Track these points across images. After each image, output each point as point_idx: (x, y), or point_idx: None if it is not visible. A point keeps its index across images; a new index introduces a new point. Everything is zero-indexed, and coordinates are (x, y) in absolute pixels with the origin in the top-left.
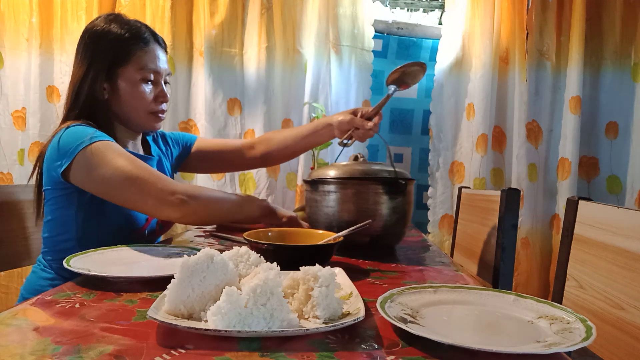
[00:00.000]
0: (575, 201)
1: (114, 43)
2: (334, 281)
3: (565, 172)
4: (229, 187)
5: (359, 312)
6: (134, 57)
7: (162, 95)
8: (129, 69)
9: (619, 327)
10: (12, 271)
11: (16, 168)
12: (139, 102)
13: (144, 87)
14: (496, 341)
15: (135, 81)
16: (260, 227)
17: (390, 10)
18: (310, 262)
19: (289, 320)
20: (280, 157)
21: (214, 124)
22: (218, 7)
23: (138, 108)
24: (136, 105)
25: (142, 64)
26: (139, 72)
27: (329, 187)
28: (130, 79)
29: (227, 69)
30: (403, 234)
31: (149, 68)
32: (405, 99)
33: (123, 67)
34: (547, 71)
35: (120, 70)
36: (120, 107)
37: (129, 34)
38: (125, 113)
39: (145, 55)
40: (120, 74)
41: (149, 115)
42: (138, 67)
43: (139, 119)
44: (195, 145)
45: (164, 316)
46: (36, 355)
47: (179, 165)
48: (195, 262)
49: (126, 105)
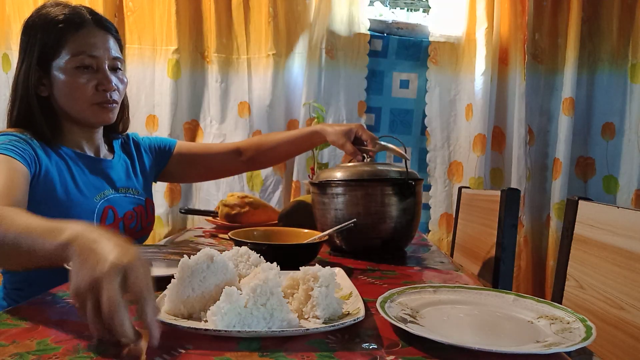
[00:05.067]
0: (575, 201)
1: (45, 30)
2: (334, 281)
3: (557, 172)
4: (237, 184)
5: (359, 312)
6: (66, 43)
7: (105, 82)
8: (62, 57)
9: (618, 327)
10: None
11: None
12: (78, 92)
13: (80, 75)
14: (496, 341)
15: (71, 70)
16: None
17: (390, 10)
18: (295, 261)
19: (288, 320)
20: (268, 161)
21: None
22: (222, 12)
23: (78, 100)
24: (76, 96)
25: (77, 49)
26: (74, 59)
27: (337, 190)
28: (65, 68)
29: (234, 73)
30: (413, 235)
31: (84, 53)
32: (405, 99)
33: (57, 56)
34: (543, 72)
35: (54, 61)
36: (62, 101)
37: (60, 17)
38: (67, 108)
39: (80, 39)
40: (54, 65)
41: (92, 106)
42: (72, 54)
43: (82, 112)
44: (176, 150)
45: (164, 316)
46: (36, 355)
47: (158, 174)
48: (195, 262)
49: (65, 98)
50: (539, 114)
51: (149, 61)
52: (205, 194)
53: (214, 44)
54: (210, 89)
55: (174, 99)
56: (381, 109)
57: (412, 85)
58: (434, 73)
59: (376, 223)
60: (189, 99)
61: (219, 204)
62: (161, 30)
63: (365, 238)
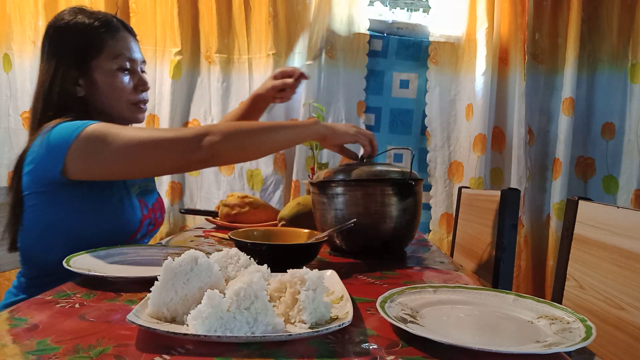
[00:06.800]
0: (575, 201)
1: (83, 34)
2: (322, 284)
3: (557, 172)
4: (238, 183)
5: (347, 317)
6: (106, 46)
7: (142, 83)
8: (103, 59)
9: (619, 327)
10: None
11: None
12: (119, 92)
13: (121, 77)
14: (496, 341)
15: (112, 71)
16: (257, 226)
17: (390, 10)
18: (294, 261)
19: (274, 324)
20: None
21: None
22: (223, 13)
23: (119, 99)
24: (116, 96)
25: (117, 52)
26: (114, 61)
27: (337, 190)
28: (106, 69)
29: (235, 73)
30: (413, 235)
31: (124, 56)
32: (405, 99)
33: (96, 58)
34: (543, 72)
35: (94, 63)
36: (100, 101)
37: (97, 22)
38: (106, 107)
39: (118, 43)
40: (94, 66)
41: (130, 106)
42: (112, 56)
43: (122, 111)
44: None
45: (146, 319)
46: (36, 355)
47: None
48: (179, 264)
49: (106, 98)
50: (539, 114)
51: (151, 62)
52: (206, 193)
53: (216, 44)
54: (212, 88)
55: (175, 98)
56: (381, 109)
57: (412, 85)
58: (434, 73)
59: (376, 223)
60: (190, 98)
61: (219, 204)
62: (163, 31)
63: (365, 238)
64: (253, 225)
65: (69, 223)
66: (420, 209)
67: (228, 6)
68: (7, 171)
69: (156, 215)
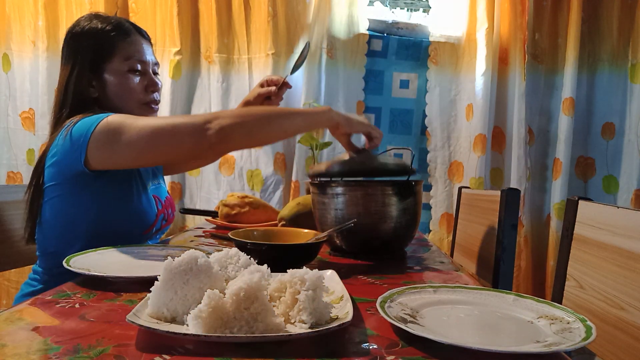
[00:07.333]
0: (575, 201)
1: (96, 38)
2: (322, 285)
3: (557, 172)
4: (238, 184)
5: (347, 317)
6: (118, 48)
7: (153, 84)
8: (115, 61)
9: (619, 327)
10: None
11: (25, 168)
12: (130, 93)
13: (132, 78)
14: (496, 341)
15: (123, 72)
16: (257, 226)
17: (390, 10)
18: (294, 261)
19: (273, 324)
20: None
21: None
22: (223, 12)
23: (130, 100)
24: (127, 97)
25: (128, 54)
26: (125, 63)
27: (337, 190)
28: (118, 71)
29: (235, 73)
30: (413, 235)
31: (135, 58)
32: (405, 99)
33: (109, 60)
34: (543, 72)
35: (107, 65)
36: (112, 102)
37: (110, 27)
38: (117, 107)
39: (129, 45)
40: (106, 68)
41: (141, 106)
42: (124, 58)
43: (132, 110)
44: None
45: (146, 319)
46: (36, 355)
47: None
48: (179, 264)
49: (117, 98)
50: (539, 114)
51: None
52: (206, 193)
53: (215, 44)
54: (212, 88)
55: (175, 98)
56: (381, 109)
57: (412, 85)
58: (434, 73)
59: (376, 223)
60: (189, 98)
61: (219, 203)
62: (163, 31)
63: (365, 238)
64: (253, 225)
65: (90, 215)
66: (420, 209)
67: (228, 6)
68: (6, 171)
69: (168, 212)
